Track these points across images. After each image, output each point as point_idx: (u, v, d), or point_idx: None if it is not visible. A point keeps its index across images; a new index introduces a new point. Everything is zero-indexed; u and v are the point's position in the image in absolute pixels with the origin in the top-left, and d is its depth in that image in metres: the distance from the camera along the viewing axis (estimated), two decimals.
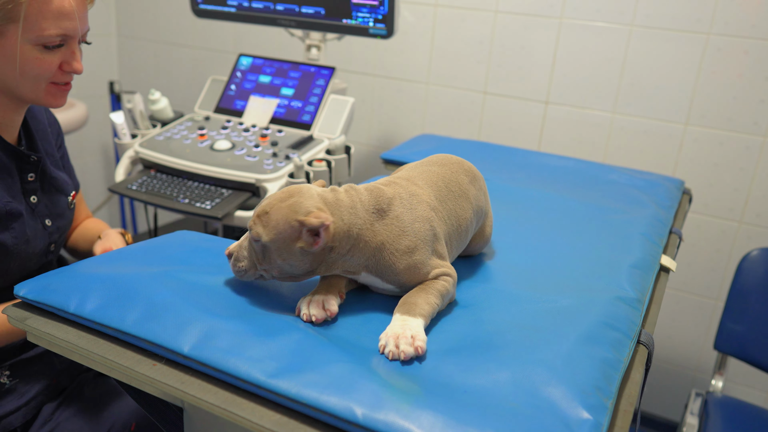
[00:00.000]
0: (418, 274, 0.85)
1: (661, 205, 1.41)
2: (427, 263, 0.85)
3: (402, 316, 0.78)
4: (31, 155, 1.11)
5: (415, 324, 0.77)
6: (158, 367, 0.73)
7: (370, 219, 0.82)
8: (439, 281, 0.86)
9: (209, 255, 0.99)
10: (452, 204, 0.94)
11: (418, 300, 0.81)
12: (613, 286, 0.97)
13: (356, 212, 0.81)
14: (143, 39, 2.87)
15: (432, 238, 0.87)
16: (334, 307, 0.82)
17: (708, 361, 2.12)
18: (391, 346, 0.74)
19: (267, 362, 0.70)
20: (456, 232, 0.94)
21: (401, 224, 0.83)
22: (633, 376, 0.80)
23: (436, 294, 0.83)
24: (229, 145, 1.69)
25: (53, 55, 1.01)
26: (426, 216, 0.86)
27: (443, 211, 0.91)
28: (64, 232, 1.22)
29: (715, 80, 1.92)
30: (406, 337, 0.75)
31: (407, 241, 0.83)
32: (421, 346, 0.74)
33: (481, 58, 2.21)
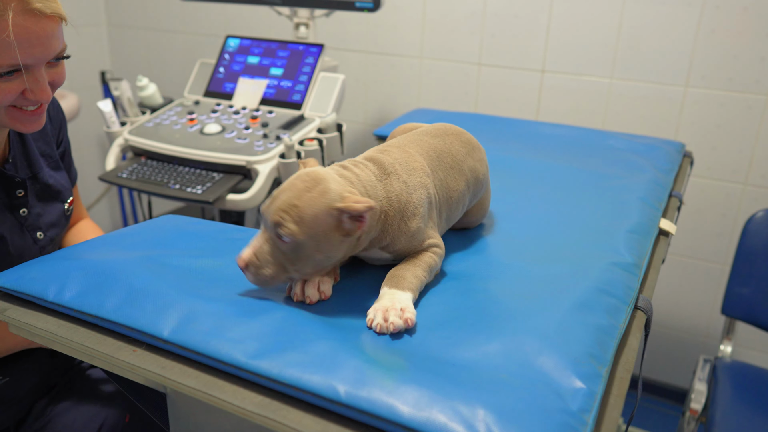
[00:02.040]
0: (414, 242, 0.83)
1: (661, 169, 1.37)
2: (423, 231, 0.83)
3: (390, 290, 0.76)
4: (15, 177, 1.00)
5: (404, 297, 0.75)
6: (139, 353, 0.71)
7: (383, 189, 0.80)
8: (428, 253, 0.83)
9: (193, 238, 0.96)
10: (443, 174, 0.91)
11: (406, 274, 0.79)
12: (609, 252, 0.94)
13: (375, 186, 0.79)
14: (133, 27, 2.83)
15: (428, 205, 0.85)
16: (328, 290, 0.80)
17: (716, 327, 2.09)
18: (379, 319, 0.72)
19: (248, 343, 0.68)
20: (446, 204, 0.91)
21: (408, 189, 0.81)
22: (630, 343, 0.77)
23: (424, 267, 0.81)
24: (219, 129, 1.66)
25: (9, 83, 0.86)
26: (423, 182, 0.84)
27: (435, 181, 0.89)
28: (58, 241, 1.14)
29: (714, 39, 1.86)
30: (396, 309, 0.73)
31: (411, 207, 0.81)
32: (410, 318, 0.72)
33: (474, 29, 2.16)
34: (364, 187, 0.78)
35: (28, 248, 1.04)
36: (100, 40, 2.88)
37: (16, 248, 1.01)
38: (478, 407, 0.59)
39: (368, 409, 0.60)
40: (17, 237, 1.02)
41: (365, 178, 0.79)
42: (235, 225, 1.03)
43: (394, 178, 0.81)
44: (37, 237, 1.06)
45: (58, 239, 1.14)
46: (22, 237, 1.03)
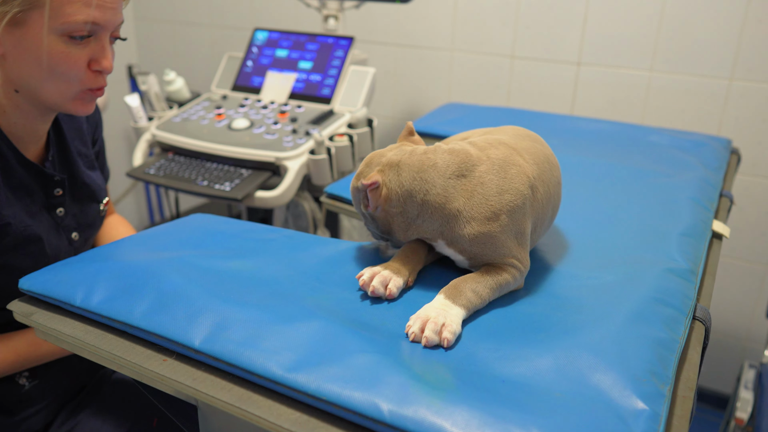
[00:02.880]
0: (491, 250, 0.76)
1: (709, 167, 1.30)
2: (504, 242, 0.76)
3: (443, 300, 0.72)
4: (55, 176, 0.99)
5: (454, 313, 0.70)
6: (169, 363, 0.68)
7: (444, 183, 0.75)
8: (503, 273, 0.76)
9: (224, 238, 0.93)
10: (553, 189, 0.85)
11: (467, 287, 0.73)
12: (662, 257, 0.89)
13: (424, 175, 0.76)
14: (160, 20, 2.82)
15: (520, 215, 0.77)
16: (395, 290, 0.76)
17: (759, 331, 2.01)
18: (415, 328, 0.68)
19: (284, 354, 0.64)
20: (548, 222, 0.86)
21: (485, 190, 0.75)
22: (690, 357, 0.72)
23: (492, 286, 0.75)
24: (247, 124, 1.63)
25: (81, 49, 0.86)
26: (520, 190, 0.77)
27: (542, 194, 0.81)
28: (91, 241, 1.12)
29: (761, 29, 1.78)
30: (436, 323, 0.68)
31: (487, 209, 0.75)
32: (448, 339, 0.67)
33: (507, 20, 2.10)
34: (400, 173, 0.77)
35: (63, 249, 1.02)
36: (126, 34, 2.87)
37: (52, 249, 0.99)
38: (533, 430, 0.55)
39: (414, 429, 0.55)
40: (53, 237, 1.00)
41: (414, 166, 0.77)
42: (265, 225, 1.00)
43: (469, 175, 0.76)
44: (72, 238, 1.04)
45: (92, 240, 1.12)
46: (58, 237, 1.01)
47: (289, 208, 1.68)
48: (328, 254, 0.89)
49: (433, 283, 0.81)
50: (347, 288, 0.80)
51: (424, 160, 0.77)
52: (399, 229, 0.80)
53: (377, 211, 0.79)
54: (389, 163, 0.78)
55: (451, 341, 0.67)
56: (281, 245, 0.91)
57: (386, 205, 0.78)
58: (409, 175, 0.76)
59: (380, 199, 0.78)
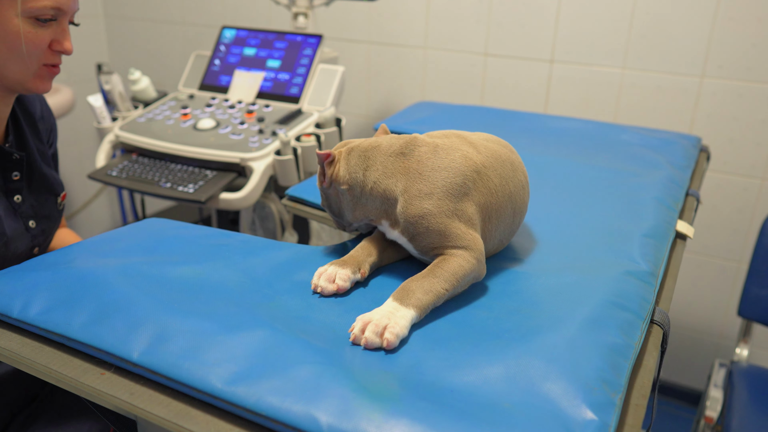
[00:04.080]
0: (433, 232, 0.75)
1: (677, 166, 1.29)
2: (445, 223, 0.75)
3: (392, 302, 0.70)
4: (14, 153, 1.01)
5: (401, 315, 0.68)
6: (107, 377, 0.65)
7: (384, 160, 0.79)
8: (454, 260, 0.74)
9: (176, 244, 0.90)
10: (513, 189, 0.84)
11: (419, 287, 0.72)
12: (623, 258, 0.87)
13: (369, 154, 0.80)
14: (131, 18, 2.77)
15: (457, 193, 0.76)
16: (344, 282, 0.77)
17: (732, 327, 2.02)
18: (356, 330, 0.67)
19: (225, 366, 0.62)
20: (508, 219, 0.84)
21: (420, 167, 0.77)
22: (646, 363, 0.70)
23: (445, 278, 0.73)
24: (213, 124, 1.60)
25: (45, 30, 0.93)
26: (458, 168, 0.77)
27: (497, 185, 0.81)
28: (50, 234, 1.12)
29: (732, 27, 1.78)
30: (377, 325, 0.66)
31: (421, 186, 0.76)
32: (389, 339, 0.65)
33: (480, 17, 2.08)
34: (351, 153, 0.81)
35: (20, 234, 1.04)
36: (97, 31, 2.82)
37: (10, 229, 1.01)
38: None
39: None
40: (11, 220, 1.02)
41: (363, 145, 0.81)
42: (220, 229, 0.97)
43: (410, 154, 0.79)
44: (29, 225, 1.06)
45: (50, 232, 1.12)
46: (16, 221, 1.03)
47: (255, 209, 1.66)
48: (282, 259, 0.86)
49: (393, 287, 0.79)
50: (299, 294, 0.78)
51: (372, 143, 0.81)
52: (347, 208, 0.83)
53: (330, 188, 0.83)
54: (347, 147, 0.82)
55: (392, 342, 0.65)
56: (234, 250, 0.89)
57: (336, 182, 0.81)
58: (356, 155, 0.81)
59: (333, 174, 0.81)
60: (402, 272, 0.83)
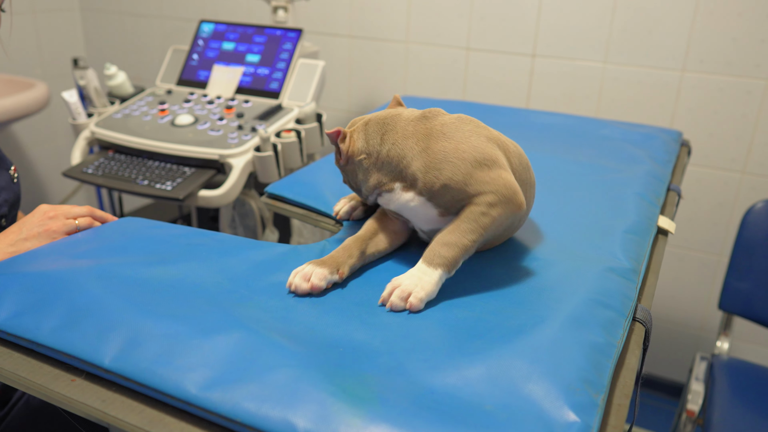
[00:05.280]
0: (456, 183, 0.73)
1: (658, 160, 1.29)
2: (470, 171, 0.73)
3: (421, 264, 0.73)
4: None
5: (428, 279, 0.72)
6: (77, 383, 0.63)
7: (406, 124, 0.78)
8: (478, 210, 0.73)
9: (151, 243, 0.88)
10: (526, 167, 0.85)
11: (438, 243, 0.73)
12: (605, 255, 0.87)
13: (387, 120, 0.79)
14: (108, 11, 2.72)
15: (484, 149, 0.75)
16: (319, 282, 0.75)
17: (713, 320, 2.03)
18: (385, 293, 0.72)
19: (200, 371, 0.60)
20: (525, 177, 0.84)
21: (444, 129, 0.76)
22: (628, 362, 0.70)
23: (471, 231, 0.73)
24: (191, 120, 1.57)
25: None
26: (483, 133, 0.78)
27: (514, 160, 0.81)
28: (13, 206, 1.11)
29: (712, 21, 1.78)
30: (403, 290, 0.71)
31: (445, 143, 0.75)
32: (412, 303, 0.70)
33: (462, 11, 2.07)
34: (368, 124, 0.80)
35: None
36: (72, 25, 2.76)
37: None
38: None
39: None
40: None
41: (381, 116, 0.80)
42: (197, 229, 0.95)
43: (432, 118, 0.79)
44: None
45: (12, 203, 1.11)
46: None
47: (235, 207, 1.63)
48: (260, 259, 0.85)
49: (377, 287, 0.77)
50: (277, 295, 0.76)
51: (391, 112, 0.81)
52: (363, 179, 0.82)
53: (348, 165, 0.83)
54: (363, 120, 0.82)
55: (416, 306, 0.70)
56: (211, 250, 0.87)
57: (353, 155, 0.81)
58: (374, 123, 0.80)
59: (348, 150, 0.80)
60: (386, 273, 0.82)
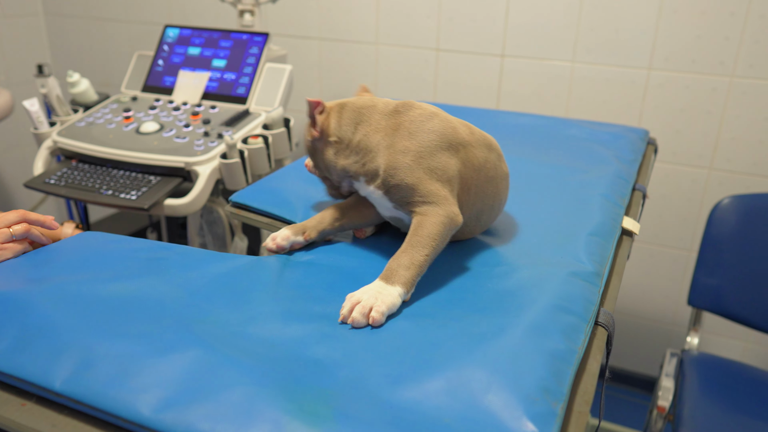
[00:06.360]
0: (407, 185, 0.78)
1: (624, 160, 1.30)
2: (420, 177, 0.78)
3: (379, 282, 0.74)
4: None
5: (388, 293, 0.73)
6: (27, 408, 0.61)
7: (378, 117, 0.82)
8: (426, 222, 0.77)
9: (111, 259, 0.86)
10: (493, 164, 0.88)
11: (400, 263, 0.75)
12: (568, 259, 0.87)
13: (363, 110, 0.83)
14: (73, 16, 2.67)
15: (438, 154, 0.79)
16: (281, 242, 0.87)
17: (684, 315, 2.06)
18: (345, 309, 0.72)
19: (153, 392, 0.59)
20: (486, 191, 0.87)
21: (411, 126, 0.80)
22: (590, 367, 0.70)
23: (423, 245, 0.77)
24: (156, 127, 1.54)
25: None
26: (445, 134, 0.81)
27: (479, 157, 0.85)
28: None
29: (676, 19, 1.80)
30: (364, 306, 0.71)
31: (407, 142, 0.79)
32: (375, 317, 0.70)
33: (431, 12, 2.06)
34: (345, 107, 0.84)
35: None
36: (37, 30, 2.71)
37: None
38: None
39: None
40: None
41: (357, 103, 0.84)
42: (159, 242, 0.93)
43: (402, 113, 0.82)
44: None
45: None
46: None
47: (203, 215, 1.61)
48: (222, 271, 0.83)
49: (341, 296, 0.76)
50: (238, 308, 0.75)
51: (367, 101, 0.85)
52: (331, 162, 0.85)
53: (319, 140, 0.85)
54: (339, 102, 0.85)
55: (378, 320, 0.70)
56: (172, 264, 0.85)
57: (326, 133, 0.84)
58: (350, 110, 0.84)
59: (323, 124, 0.83)
60: (353, 284, 0.81)
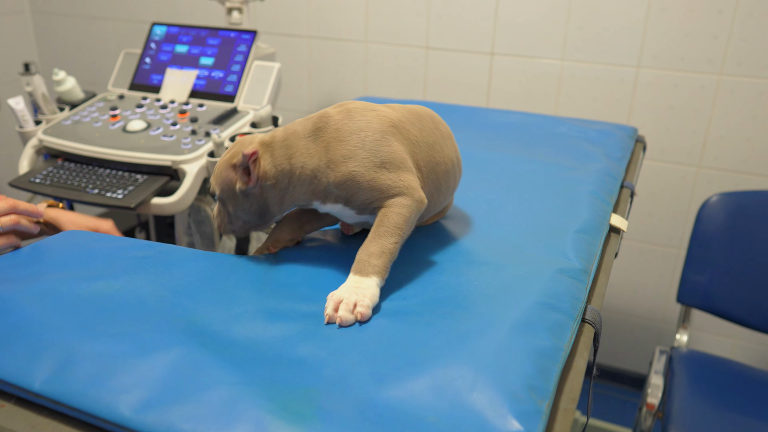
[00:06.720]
0: (364, 189, 0.77)
1: (612, 157, 1.30)
2: (372, 177, 0.77)
3: (354, 277, 0.74)
4: None
5: (366, 285, 0.72)
6: (6, 409, 0.60)
7: (305, 143, 0.79)
8: (391, 212, 0.77)
9: (94, 258, 0.85)
10: (428, 130, 0.86)
11: (366, 253, 0.75)
12: (556, 256, 0.87)
13: (289, 142, 0.79)
14: (61, 14, 2.65)
15: (382, 146, 0.78)
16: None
17: (673, 312, 2.06)
18: (329, 309, 0.70)
19: (135, 392, 0.58)
20: (434, 160, 0.85)
21: (338, 135, 0.78)
22: (576, 364, 0.69)
23: (391, 232, 0.76)
24: (143, 125, 1.53)
25: None
26: (374, 126, 0.79)
27: (413, 132, 0.83)
28: None
29: (665, 17, 1.80)
30: (348, 303, 0.70)
31: (343, 151, 0.77)
32: (362, 312, 0.70)
33: (420, 10, 2.06)
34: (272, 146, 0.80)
35: None
36: (24, 29, 2.69)
37: None
38: None
39: None
40: None
41: (280, 137, 0.80)
42: (144, 240, 0.92)
43: (325, 127, 0.78)
44: None
45: None
46: None
47: (191, 213, 1.60)
48: (205, 269, 0.83)
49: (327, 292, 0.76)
50: (223, 306, 0.74)
51: (286, 131, 0.81)
52: (274, 203, 0.82)
53: (255, 187, 0.80)
54: (262, 142, 0.81)
55: (366, 315, 0.70)
56: (156, 262, 0.84)
57: (263, 179, 0.80)
58: (278, 146, 0.80)
59: (259, 172, 0.79)
60: (337, 281, 0.81)
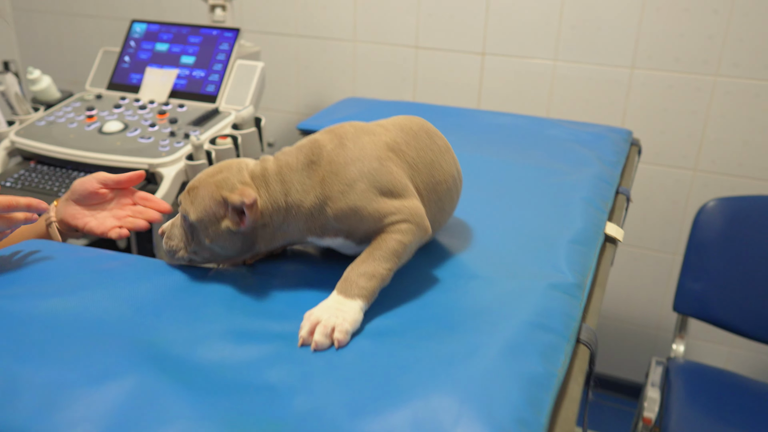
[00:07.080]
0: (364, 219, 0.72)
1: (607, 162, 1.25)
2: (372, 207, 0.72)
3: (336, 296, 0.68)
4: None
5: (349, 308, 0.67)
6: None
7: (300, 178, 0.73)
8: (390, 237, 0.72)
9: (54, 270, 0.79)
10: (425, 147, 0.80)
11: (356, 273, 0.70)
12: (547, 269, 0.81)
13: (283, 177, 0.73)
14: (42, 11, 2.57)
15: (381, 174, 0.73)
16: None
17: (669, 319, 2.02)
18: (304, 331, 0.65)
19: (82, 427, 0.52)
20: (434, 179, 0.79)
21: (333, 168, 0.72)
22: (570, 392, 0.64)
23: (385, 257, 0.71)
24: (120, 127, 1.47)
25: None
26: (369, 154, 0.74)
27: (410, 153, 0.78)
28: None
29: (659, 17, 1.75)
30: (326, 326, 0.64)
31: (340, 185, 0.72)
32: (339, 339, 0.64)
33: (410, 8, 2.00)
34: (266, 182, 0.73)
35: None
36: (5, 25, 2.61)
37: None
38: None
39: None
40: None
41: (273, 171, 0.74)
42: (109, 251, 0.86)
43: (319, 160, 0.73)
44: None
45: None
46: None
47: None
48: (173, 283, 0.77)
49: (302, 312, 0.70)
50: (187, 326, 0.69)
51: (281, 165, 0.75)
52: (263, 240, 0.76)
53: (244, 228, 0.73)
54: (254, 175, 0.74)
55: (343, 342, 0.64)
56: (119, 276, 0.78)
57: (258, 220, 0.73)
58: (273, 182, 0.73)
59: (256, 213, 0.72)
60: (313, 302, 0.75)
